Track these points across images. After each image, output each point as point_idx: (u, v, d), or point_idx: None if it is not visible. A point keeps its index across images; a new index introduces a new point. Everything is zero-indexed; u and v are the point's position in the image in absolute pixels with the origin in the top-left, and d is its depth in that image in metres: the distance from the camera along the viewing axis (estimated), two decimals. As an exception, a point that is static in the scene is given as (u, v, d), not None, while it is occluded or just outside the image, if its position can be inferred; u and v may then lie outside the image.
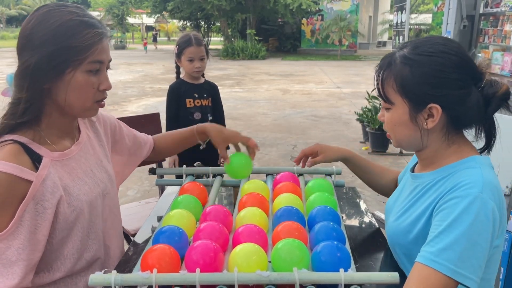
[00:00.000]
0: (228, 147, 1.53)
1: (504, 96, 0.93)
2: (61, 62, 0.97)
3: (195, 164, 1.52)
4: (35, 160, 0.98)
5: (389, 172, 1.38)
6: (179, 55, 2.40)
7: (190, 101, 2.43)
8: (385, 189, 1.37)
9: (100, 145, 1.23)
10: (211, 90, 2.52)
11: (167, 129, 2.45)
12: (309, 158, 1.37)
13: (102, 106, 1.10)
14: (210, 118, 2.50)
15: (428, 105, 0.92)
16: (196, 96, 2.44)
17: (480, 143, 1.00)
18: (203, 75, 2.53)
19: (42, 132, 1.03)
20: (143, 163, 1.47)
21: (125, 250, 1.23)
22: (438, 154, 0.99)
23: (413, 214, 1.00)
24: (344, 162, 1.37)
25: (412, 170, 1.12)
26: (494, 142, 0.99)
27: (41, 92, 0.99)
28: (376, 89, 0.99)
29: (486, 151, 1.00)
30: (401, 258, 1.07)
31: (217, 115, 2.56)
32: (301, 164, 1.39)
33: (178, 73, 2.53)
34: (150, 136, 1.47)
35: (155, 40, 29.91)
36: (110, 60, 1.08)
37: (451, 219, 0.86)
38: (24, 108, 0.98)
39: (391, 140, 1.05)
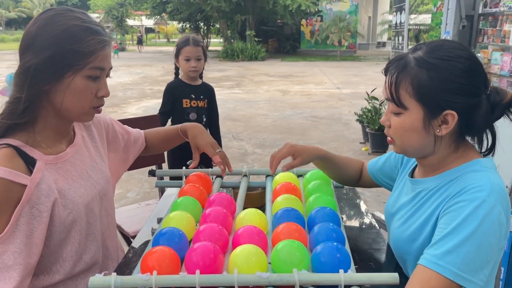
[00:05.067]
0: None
1: (509, 104, 0.92)
2: (62, 65, 0.98)
3: (187, 163, 1.53)
4: (29, 163, 0.98)
5: (353, 162, 1.35)
6: (177, 55, 2.46)
7: (186, 102, 2.49)
8: (351, 180, 1.35)
9: (94, 146, 1.22)
10: (207, 92, 2.57)
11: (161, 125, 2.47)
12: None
13: (99, 112, 1.10)
14: (204, 119, 2.55)
15: (444, 112, 0.90)
16: (193, 97, 2.50)
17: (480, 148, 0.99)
18: (201, 77, 2.58)
19: (37, 135, 1.02)
20: (142, 165, 1.46)
21: (125, 252, 1.23)
22: (444, 160, 0.98)
23: (418, 220, 0.98)
24: (320, 161, 1.28)
25: (411, 175, 1.10)
26: (495, 147, 0.97)
27: (40, 94, 0.99)
28: (388, 93, 0.95)
29: (489, 154, 0.98)
30: (410, 266, 1.03)
31: (212, 116, 2.62)
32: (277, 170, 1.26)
33: (176, 74, 2.58)
34: (142, 131, 1.46)
35: (140, 43, 28.76)
36: (111, 68, 1.08)
37: (456, 223, 0.85)
38: (23, 108, 0.97)
39: (393, 146, 1.01)
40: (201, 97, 2.52)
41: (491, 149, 0.98)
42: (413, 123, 0.93)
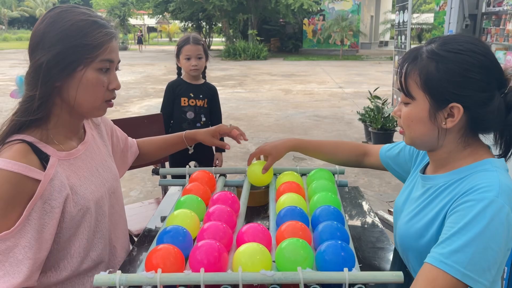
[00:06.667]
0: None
1: None
2: (72, 60, 0.99)
3: (190, 164, 1.53)
4: (43, 159, 0.99)
5: (347, 147, 1.40)
6: (178, 54, 2.45)
7: (184, 100, 2.48)
8: (347, 163, 1.42)
9: (104, 145, 1.25)
10: (208, 92, 2.55)
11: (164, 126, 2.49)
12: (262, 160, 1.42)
13: (111, 105, 1.12)
14: (203, 119, 2.52)
15: (449, 104, 0.90)
16: (192, 95, 2.49)
17: (498, 149, 0.98)
18: (204, 77, 2.56)
19: (50, 132, 1.04)
20: (145, 164, 1.47)
21: (129, 250, 1.23)
22: (452, 155, 0.97)
23: (426, 217, 0.98)
24: (294, 151, 1.41)
25: (423, 172, 1.09)
26: (511, 150, 0.96)
27: (53, 90, 1.01)
28: (398, 82, 0.97)
29: (505, 157, 0.97)
30: (412, 262, 1.04)
31: (214, 117, 2.59)
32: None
33: (179, 74, 2.57)
34: (134, 140, 1.48)
35: (140, 42, 28.29)
36: (119, 61, 1.10)
37: (464, 222, 0.84)
38: (38, 105, 0.99)
39: (403, 137, 1.02)
40: (201, 96, 2.50)
41: (506, 152, 0.96)
42: (419, 113, 0.94)
